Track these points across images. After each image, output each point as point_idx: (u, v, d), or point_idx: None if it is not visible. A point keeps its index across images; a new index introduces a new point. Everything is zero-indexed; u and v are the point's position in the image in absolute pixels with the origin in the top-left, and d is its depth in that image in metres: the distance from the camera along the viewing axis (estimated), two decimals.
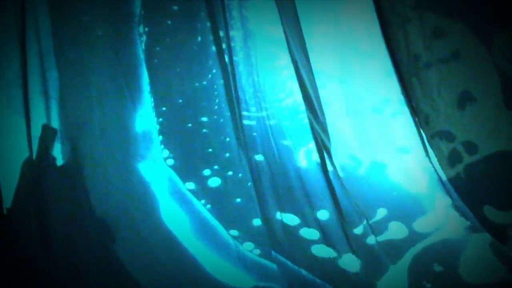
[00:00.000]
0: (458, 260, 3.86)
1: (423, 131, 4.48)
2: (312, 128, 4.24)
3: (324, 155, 4.25)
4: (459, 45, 4.53)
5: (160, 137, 4.22)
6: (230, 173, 4.19)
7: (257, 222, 4.07)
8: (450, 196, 4.21)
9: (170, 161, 4.22)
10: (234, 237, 4.05)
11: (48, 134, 4.07)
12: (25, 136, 4.00)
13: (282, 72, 4.35)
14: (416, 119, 4.48)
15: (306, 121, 4.28)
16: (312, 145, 4.23)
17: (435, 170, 4.32)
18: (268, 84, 4.33)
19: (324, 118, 4.37)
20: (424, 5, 4.52)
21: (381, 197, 4.16)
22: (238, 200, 4.13)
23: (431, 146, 4.47)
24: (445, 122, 4.55)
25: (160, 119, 4.24)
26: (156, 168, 4.18)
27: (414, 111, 4.51)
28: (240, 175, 4.18)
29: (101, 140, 4.09)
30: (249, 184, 4.09)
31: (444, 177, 4.34)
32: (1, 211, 3.93)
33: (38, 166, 4.02)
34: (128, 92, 4.15)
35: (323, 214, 4.08)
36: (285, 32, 4.23)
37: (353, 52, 4.49)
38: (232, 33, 4.24)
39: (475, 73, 4.56)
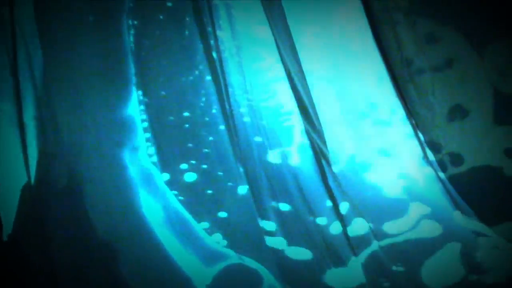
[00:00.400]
0: (422, 263, 3.85)
1: (420, 134, 4.45)
2: (308, 133, 4.26)
3: (322, 162, 4.26)
4: (453, 53, 4.50)
5: (143, 127, 4.30)
6: (205, 166, 4.25)
7: (223, 214, 4.15)
8: (428, 203, 4.19)
9: (152, 152, 4.29)
10: (204, 229, 4.11)
11: (45, 158, 4.12)
12: (22, 161, 4.05)
13: (267, 73, 4.38)
14: (413, 122, 4.45)
15: (288, 124, 4.30)
16: (291, 148, 4.25)
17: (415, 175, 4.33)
18: (253, 84, 4.35)
19: (319, 123, 4.38)
20: (418, 11, 4.50)
21: (354, 195, 4.15)
22: (209, 191, 4.19)
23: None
24: (434, 131, 4.52)
25: (144, 110, 4.32)
26: (137, 158, 4.27)
27: (411, 114, 4.47)
28: (217, 172, 4.24)
29: (90, 135, 4.18)
30: (219, 173, 4.16)
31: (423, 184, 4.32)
32: (1, 238, 3.95)
33: (37, 191, 4.06)
34: (114, 82, 4.24)
35: (284, 206, 4.13)
36: (273, 33, 4.26)
37: (345, 53, 4.49)
38: (219, 32, 4.29)
39: (468, 84, 4.52)
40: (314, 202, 4.08)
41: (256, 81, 4.38)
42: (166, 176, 4.25)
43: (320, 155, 4.25)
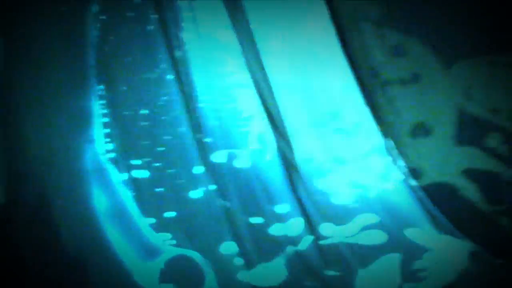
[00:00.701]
0: (357, 270, 3.91)
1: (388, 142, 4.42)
2: (277, 142, 4.29)
3: (290, 170, 4.28)
4: (420, 67, 4.44)
5: (103, 122, 4.36)
6: (158, 164, 4.30)
7: (171, 213, 4.20)
8: (378, 213, 4.20)
9: (109, 147, 4.36)
10: (151, 226, 4.17)
11: (14, 177, 4.19)
12: None
13: (230, 78, 4.39)
14: (381, 128, 4.42)
15: (245, 129, 4.33)
16: (241, 151, 4.28)
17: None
18: (214, 87, 4.38)
19: (285, 130, 4.38)
20: (387, 22, 4.45)
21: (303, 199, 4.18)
22: (160, 190, 4.25)
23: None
24: (396, 144, 4.47)
25: (105, 105, 4.38)
26: (93, 152, 4.34)
27: (378, 121, 4.43)
28: (170, 170, 4.29)
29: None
30: (171, 172, 4.22)
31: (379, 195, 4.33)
32: None
33: (6, 211, 4.14)
34: (75, 76, 4.31)
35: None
36: (237, 38, 4.27)
37: (312, 60, 4.47)
38: (182, 34, 4.32)
39: (433, 102, 4.45)
40: (253, 202, 4.13)
41: (218, 84, 4.39)
42: (119, 171, 4.30)
43: (287, 162, 4.26)
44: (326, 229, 4.13)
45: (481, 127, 4.39)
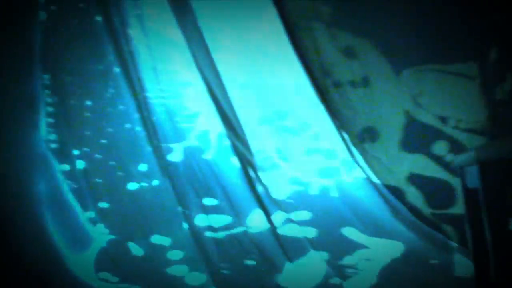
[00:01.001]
0: (282, 263, 3.90)
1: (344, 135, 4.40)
2: (232, 143, 4.25)
3: (248, 169, 4.23)
4: (370, 71, 4.41)
5: (47, 112, 4.30)
6: (98, 156, 4.24)
7: (105, 204, 4.16)
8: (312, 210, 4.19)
9: (52, 137, 4.30)
10: (89, 217, 4.12)
11: None
12: None
13: (178, 75, 4.37)
14: (337, 123, 4.39)
15: (185, 125, 4.30)
16: (176, 145, 4.25)
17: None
18: (159, 83, 4.35)
19: (242, 130, 4.34)
20: (339, 23, 4.43)
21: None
22: (98, 180, 4.19)
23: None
24: (345, 146, 4.43)
25: (50, 95, 4.32)
26: (36, 141, 4.27)
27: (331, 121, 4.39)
28: (110, 162, 4.23)
29: None
30: (110, 164, 4.19)
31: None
32: None
33: None
34: (20, 66, 4.26)
35: None
36: (184, 36, 4.25)
37: (263, 58, 4.46)
38: (129, 30, 4.30)
39: (381, 107, 4.42)
40: (186, 196, 4.11)
41: (166, 80, 4.37)
42: (59, 161, 4.24)
43: (243, 159, 4.23)
44: (255, 221, 4.10)
45: (429, 135, 4.36)
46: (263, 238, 3.99)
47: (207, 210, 4.11)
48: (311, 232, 4.05)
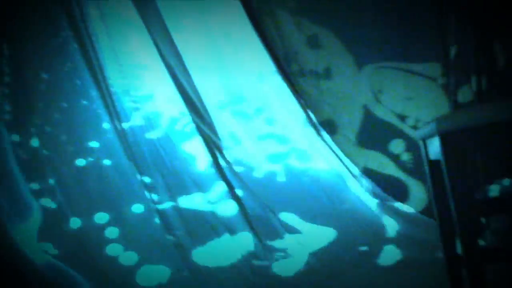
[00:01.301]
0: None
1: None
2: (198, 128, 4.22)
3: (216, 154, 4.22)
4: (333, 63, 4.37)
5: (4, 82, 4.24)
6: (49, 129, 4.21)
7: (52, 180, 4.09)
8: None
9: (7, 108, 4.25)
10: (34, 191, 4.06)
11: None
12: None
13: (133, 55, 4.32)
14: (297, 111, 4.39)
15: (132, 105, 4.30)
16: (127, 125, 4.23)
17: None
18: (116, 63, 4.31)
19: (209, 116, 4.32)
20: (304, 12, 4.40)
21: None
22: (46, 153, 4.14)
23: None
24: (303, 139, 4.41)
25: (7, 64, 4.27)
26: None
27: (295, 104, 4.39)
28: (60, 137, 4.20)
29: None
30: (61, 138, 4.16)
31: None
32: None
33: None
34: None
35: None
36: (143, 20, 4.21)
37: (227, 43, 4.43)
38: (86, 10, 4.26)
39: (341, 99, 4.39)
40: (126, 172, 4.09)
41: (123, 60, 4.33)
42: (9, 132, 4.17)
43: (210, 143, 4.23)
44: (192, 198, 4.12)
45: (387, 132, 4.33)
46: (195, 214, 3.99)
47: (149, 188, 4.08)
48: (246, 213, 4.02)
